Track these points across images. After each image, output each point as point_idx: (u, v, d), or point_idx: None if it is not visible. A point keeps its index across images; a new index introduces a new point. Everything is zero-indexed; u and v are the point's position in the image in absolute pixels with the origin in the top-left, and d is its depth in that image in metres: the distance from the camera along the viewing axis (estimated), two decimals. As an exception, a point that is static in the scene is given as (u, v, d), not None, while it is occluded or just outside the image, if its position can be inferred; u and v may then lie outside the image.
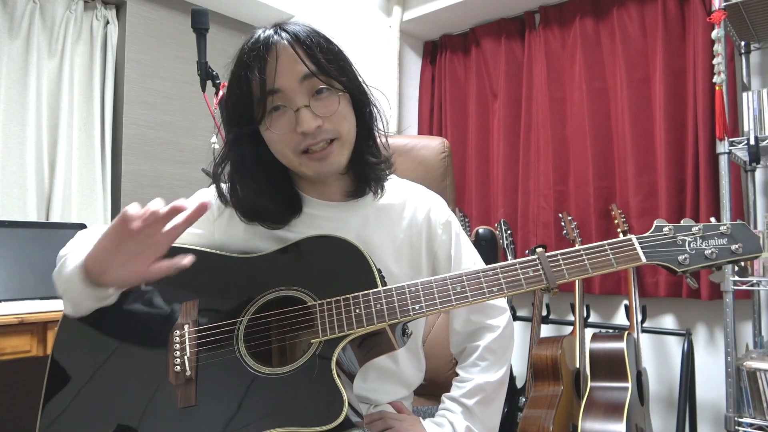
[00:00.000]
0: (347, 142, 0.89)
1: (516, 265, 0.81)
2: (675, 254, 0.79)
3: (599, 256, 0.80)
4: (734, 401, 1.85)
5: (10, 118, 2.23)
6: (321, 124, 0.84)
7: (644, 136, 2.39)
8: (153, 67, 2.63)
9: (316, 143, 0.85)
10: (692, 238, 0.80)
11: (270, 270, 0.86)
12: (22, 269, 1.88)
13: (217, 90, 1.60)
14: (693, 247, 0.80)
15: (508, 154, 2.79)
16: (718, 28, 1.89)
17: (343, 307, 0.80)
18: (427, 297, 0.80)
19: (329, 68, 0.85)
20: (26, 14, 2.28)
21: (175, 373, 0.79)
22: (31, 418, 0.83)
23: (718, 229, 0.80)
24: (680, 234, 0.80)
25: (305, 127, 0.82)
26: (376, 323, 0.79)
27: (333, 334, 0.79)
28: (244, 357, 0.80)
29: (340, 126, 0.86)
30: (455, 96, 3.03)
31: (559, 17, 2.67)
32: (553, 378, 2.02)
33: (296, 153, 0.86)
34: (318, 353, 0.78)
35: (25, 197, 2.22)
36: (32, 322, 1.62)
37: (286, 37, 0.84)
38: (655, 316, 2.43)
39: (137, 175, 2.54)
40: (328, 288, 0.83)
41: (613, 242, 0.81)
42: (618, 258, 0.80)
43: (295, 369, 0.78)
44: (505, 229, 2.43)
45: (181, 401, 0.78)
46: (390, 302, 0.80)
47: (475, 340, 1.00)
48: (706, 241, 0.80)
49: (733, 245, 0.79)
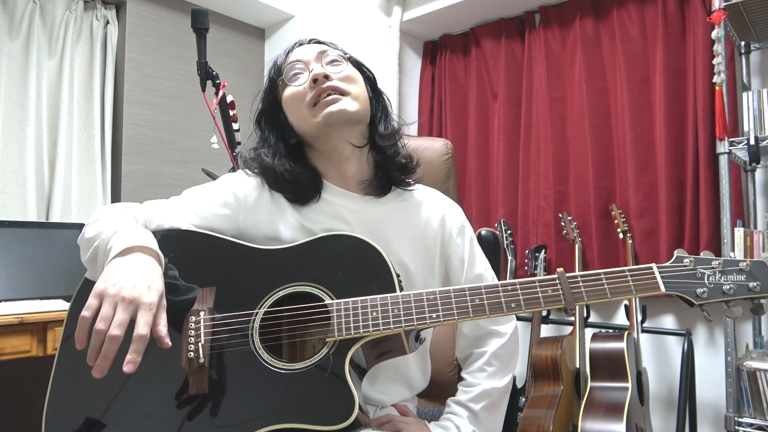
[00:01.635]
0: (358, 99, 0.95)
1: (536, 283, 0.82)
2: (694, 287, 0.80)
3: (619, 282, 0.81)
4: (734, 401, 1.85)
5: (10, 118, 2.23)
6: (330, 76, 0.93)
7: (644, 136, 2.39)
8: (153, 67, 2.63)
9: (325, 90, 0.92)
10: (711, 271, 0.81)
11: (289, 264, 0.87)
12: (22, 269, 1.88)
13: (217, 90, 1.60)
14: (712, 281, 0.80)
15: (508, 154, 2.79)
16: (718, 28, 1.89)
17: (360, 308, 0.81)
18: (444, 306, 0.81)
19: (344, 52, 1.01)
20: (26, 14, 2.28)
21: (189, 359, 0.79)
22: (31, 418, 0.83)
23: (738, 265, 0.80)
24: (700, 267, 0.81)
25: (315, 73, 0.93)
26: (393, 328, 0.79)
27: (348, 335, 0.79)
28: (258, 349, 0.80)
29: (349, 86, 0.95)
30: (455, 96, 3.03)
31: (559, 17, 2.67)
32: (553, 378, 2.02)
33: (309, 107, 0.93)
34: (332, 352, 0.79)
35: (25, 197, 2.22)
36: (32, 322, 1.63)
37: (310, 39, 1.03)
38: (655, 316, 2.43)
39: (137, 175, 2.54)
40: (346, 287, 0.83)
41: (633, 269, 0.82)
42: (637, 285, 0.80)
43: (308, 366, 0.78)
44: (505, 229, 2.43)
45: (193, 387, 0.78)
46: (407, 308, 0.81)
47: (482, 345, 1.00)
48: (725, 276, 0.80)
49: (752, 283, 0.79)
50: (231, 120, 1.67)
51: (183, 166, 2.69)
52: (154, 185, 2.59)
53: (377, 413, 0.97)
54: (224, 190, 0.98)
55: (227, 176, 1.03)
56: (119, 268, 0.76)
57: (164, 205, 0.97)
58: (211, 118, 1.62)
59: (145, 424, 0.78)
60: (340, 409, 0.74)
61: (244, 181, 0.99)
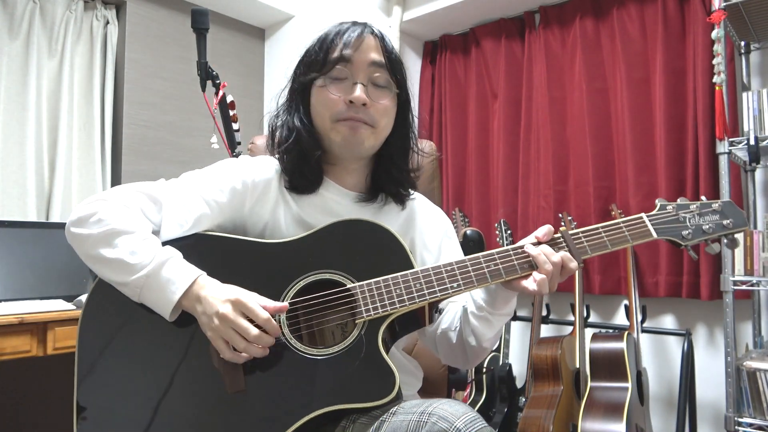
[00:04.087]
0: (379, 135, 0.96)
1: (542, 245, 0.87)
2: (679, 230, 0.91)
3: (616, 233, 0.89)
4: (734, 401, 1.85)
5: (10, 118, 2.23)
6: (368, 104, 0.92)
7: (644, 136, 2.39)
8: (153, 67, 2.63)
9: (356, 118, 0.92)
10: (691, 215, 0.92)
11: (305, 254, 0.89)
12: (22, 269, 1.88)
13: (217, 90, 1.60)
14: (693, 223, 0.91)
15: (508, 154, 2.79)
16: (718, 28, 1.89)
17: (383, 287, 0.84)
18: (463, 274, 0.85)
19: (395, 69, 0.97)
20: (26, 14, 2.28)
21: (220, 359, 0.80)
22: (31, 418, 0.83)
23: (711, 207, 0.92)
24: (681, 212, 0.92)
25: (355, 96, 0.90)
26: (418, 302, 0.83)
27: (377, 314, 0.82)
28: (289, 340, 0.82)
29: (381, 118, 0.94)
30: (455, 96, 3.03)
31: (559, 17, 2.67)
32: (553, 378, 2.02)
33: (332, 119, 0.93)
34: (364, 333, 0.81)
35: (25, 197, 2.22)
36: (32, 322, 1.63)
37: (376, 31, 0.98)
38: (655, 316, 2.43)
39: (137, 175, 2.54)
40: (365, 270, 0.86)
41: (626, 220, 0.90)
42: (632, 234, 0.89)
43: (343, 349, 0.81)
44: (505, 229, 2.42)
45: (229, 387, 0.79)
46: (429, 281, 0.84)
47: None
48: (703, 217, 0.92)
49: (725, 220, 0.91)
50: (231, 120, 1.67)
51: (183, 166, 2.68)
52: (154, 185, 2.59)
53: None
54: (234, 176, 0.97)
55: (241, 162, 1.01)
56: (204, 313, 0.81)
57: (175, 200, 0.93)
58: (211, 118, 1.62)
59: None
60: (382, 384, 0.77)
61: (258, 169, 0.98)
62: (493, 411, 2.26)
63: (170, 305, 0.81)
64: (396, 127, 0.99)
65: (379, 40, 0.96)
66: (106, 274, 0.85)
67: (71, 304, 1.79)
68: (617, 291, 2.48)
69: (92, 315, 0.86)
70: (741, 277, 1.88)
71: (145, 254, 0.83)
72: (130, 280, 0.82)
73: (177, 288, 0.81)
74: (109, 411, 0.81)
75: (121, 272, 0.83)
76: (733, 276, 1.86)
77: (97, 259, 0.84)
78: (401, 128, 1.00)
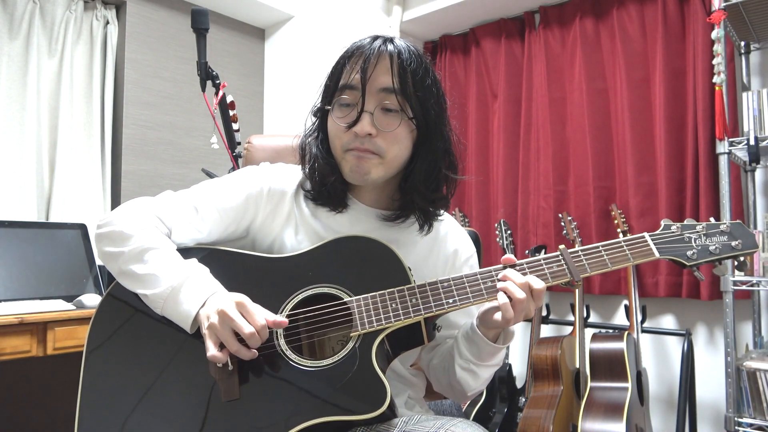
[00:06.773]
0: (389, 165, 0.91)
1: (541, 261, 0.87)
2: (684, 250, 0.89)
3: (617, 252, 0.88)
4: (734, 401, 1.85)
5: (9, 118, 2.23)
6: (374, 134, 0.88)
7: (644, 136, 2.39)
8: (153, 67, 2.63)
9: (360, 149, 0.88)
10: (697, 235, 0.90)
11: (304, 269, 0.89)
12: (22, 269, 1.88)
13: (217, 90, 1.60)
14: (698, 244, 0.89)
15: (508, 154, 2.79)
16: (718, 28, 1.89)
17: (379, 302, 0.84)
18: (459, 291, 0.85)
19: (410, 94, 0.89)
20: (26, 14, 2.28)
21: (217, 367, 0.80)
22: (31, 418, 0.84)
23: (719, 228, 0.89)
24: (686, 232, 0.90)
25: (358, 129, 0.87)
26: (413, 316, 0.83)
27: (372, 328, 0.82)
28: (285, 351, 0.82)
29: (389, 147, 0.89)
30: (455, 96, 3.03)
31: (559, 17, 2.67)
32: (553, 378, 2.02)
33: (342, 149, 0.91)
34: (358, 346, 0.81)
35: (25, 197, 2.22)
36: (32, 322, 1.62)
37: (390, 49, 0.89)
38: (655, 316, 2.43)
39: (137, 175, 2.54)
40: (363, 285, 0.86)
41: (628, 239, 0.89)
42: (634, 253, 0.87)
43: (337, 361, 0.81)
44: (505, 229, 2.42)
45: (224, 395, 0.80)
46: (425, 297, 0.85)
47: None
48: (710, 238, 0.89)
49: (733, 242, 0.88)
50: (231, 120, 1.67)
51: (183, 166, 2.69)
52: (154, 185, 2.58)
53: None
54: (250, 182, 0.97)
55: (261, 169, 1.00)
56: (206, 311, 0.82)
57: (187, 219, 0.94)
58: (211, 118, 1.62)
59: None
60: (373, 397, 0.76)
61: (277, 178, 0.98)
62: (493, 411, 2.26)
63: (189, 319, 0.83)
64: (417, 152, 0.93)
65: (394, 58, 0.88)
66: (136, 288, 0.88)
67: (71, 304, 1.79)
68: (617, 291, 2.48)
69: (102, 321, 0.90)
70: (741, 277, 1.88)
71: (172, 270, 0.86)
72: (156, 292, 0.85)
73: (197, 302, 0.84)
74: (108, 414, 0.82)
75: (151, 286, 0.86)
76: (733, 276, 1.86)
77: (129, 275, 0.88)
78: (425, 153, 0.93)
